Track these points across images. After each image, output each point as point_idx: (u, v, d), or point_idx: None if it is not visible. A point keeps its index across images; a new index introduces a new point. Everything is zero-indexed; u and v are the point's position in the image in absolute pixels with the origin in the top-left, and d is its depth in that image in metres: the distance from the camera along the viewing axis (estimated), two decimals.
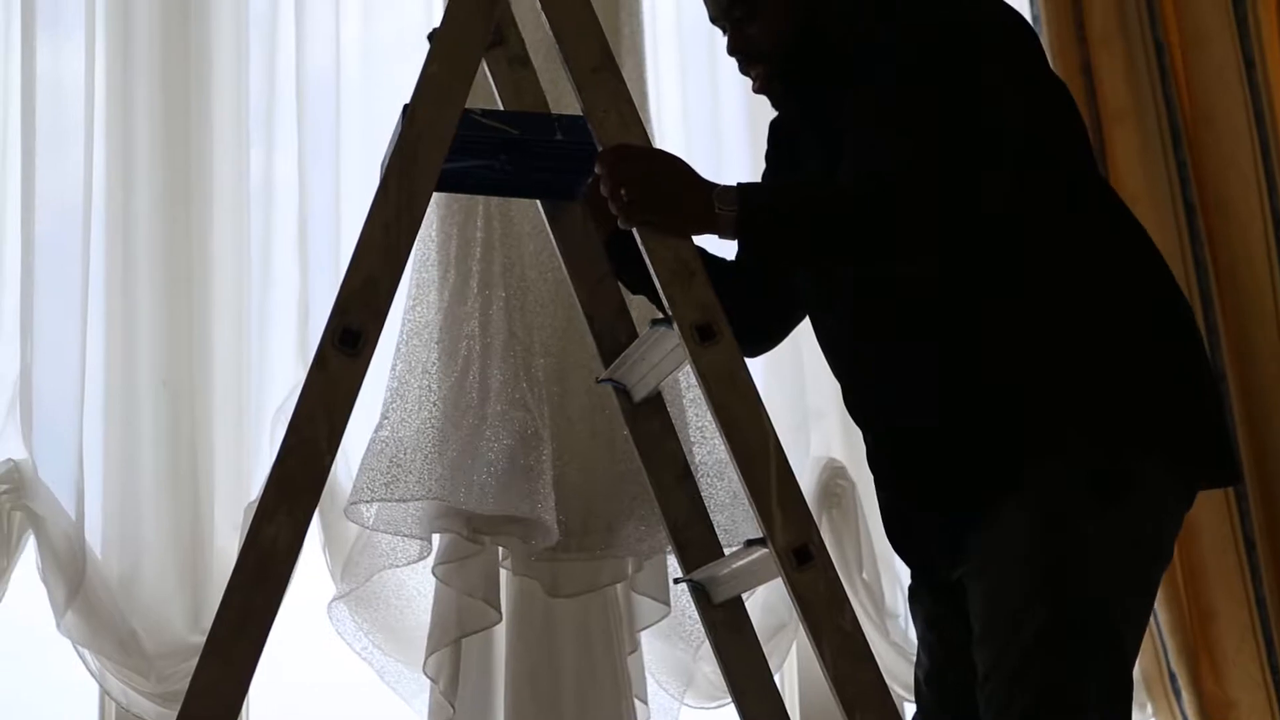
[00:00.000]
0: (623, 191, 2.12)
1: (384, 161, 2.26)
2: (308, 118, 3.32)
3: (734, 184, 2.15)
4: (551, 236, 2.54)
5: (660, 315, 2.17)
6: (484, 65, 2.43)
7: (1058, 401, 2.15)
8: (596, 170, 2.17)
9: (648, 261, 2.14)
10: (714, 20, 2.41)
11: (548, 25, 2.20)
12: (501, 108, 2.48)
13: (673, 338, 2.17)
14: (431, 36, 2.24)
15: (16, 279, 3.13)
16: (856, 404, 2.39)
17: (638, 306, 2.53)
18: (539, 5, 2.20)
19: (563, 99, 2.58)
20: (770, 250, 2.23)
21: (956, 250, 2.17)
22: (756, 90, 2.41)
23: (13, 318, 3.12)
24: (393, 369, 2.98)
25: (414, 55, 3.44)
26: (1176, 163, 3.63)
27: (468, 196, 3.03)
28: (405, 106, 2.15)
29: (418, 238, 2.21)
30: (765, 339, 2.61)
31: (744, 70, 2.39)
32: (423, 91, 2.13)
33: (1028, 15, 3.71)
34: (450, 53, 2.16)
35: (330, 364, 2.00)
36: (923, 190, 2.13)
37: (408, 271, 2.70)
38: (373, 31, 3.52)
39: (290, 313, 3.21)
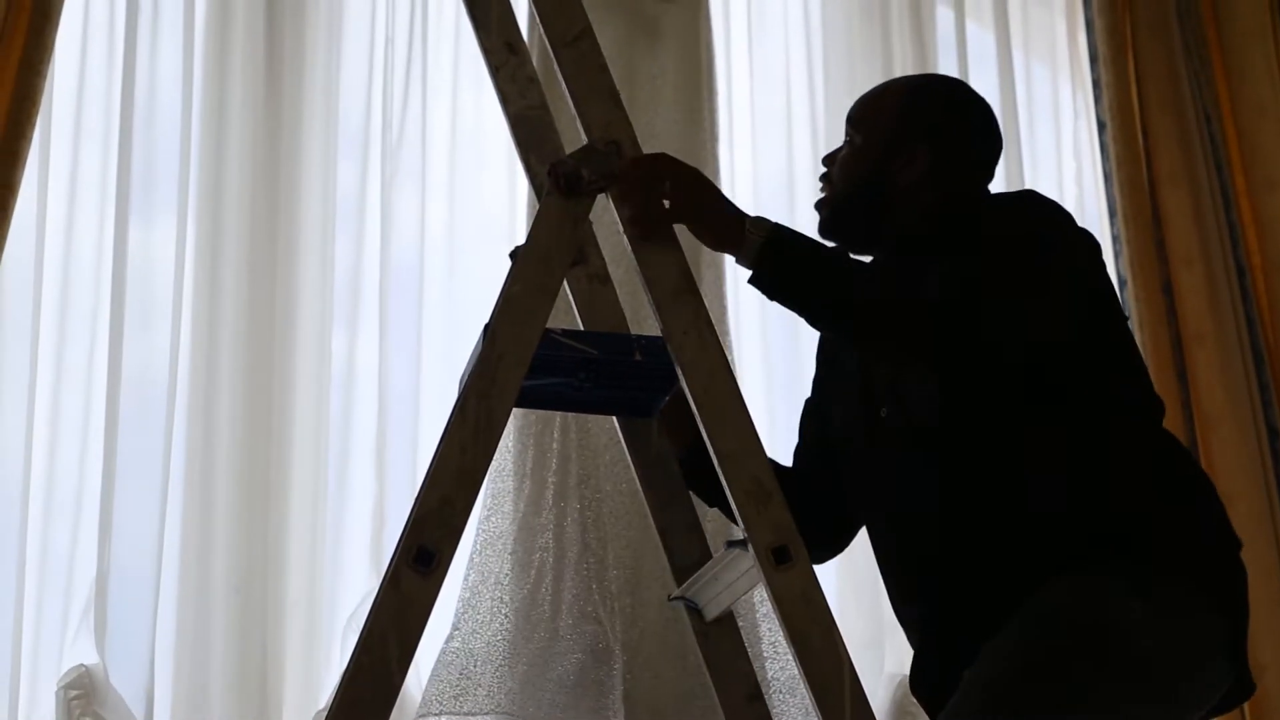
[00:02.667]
0: (655, 194, 2.14)
1: (463, 378, 2.26)
2: (391, 301, 3.36)
3: (771, 219, 2.17)
4: (626, 451, 2.53)
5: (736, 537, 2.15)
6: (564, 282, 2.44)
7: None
8: (623, 185, 2.17)
9: (724, 482, 2.13)
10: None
11: (629, 247, 2.22)
12: (580, 323, 2.49)
13: (747, 559, 2.15)
14: (514, 255, 2.24)
15: (99, 460, 3.15)
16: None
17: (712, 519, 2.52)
18: (621, 227, 2.21)
19: (642, 309, 2.60)
20: (779, 288, 2.20)
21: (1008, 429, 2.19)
22: (816, 205, 2.46)
23: (93, 513, 3.15)
24: (465, 579, 2.98)
25: (498, 243, 3.54)
26: (1259, 385, 3.62)
27: None
28: (486, 325, 2.15)
29: (500, 440, 2.21)
30: (828, 546, 2.59)
31: (819, 202, 2.45)
32: (504, 312, 2.13)
33: (1109, 236, 3.74)
34: (532, 274, 2.16)
35: (404, 583, 1.98)
36: (957, 313, 2.12)
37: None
38: (458, 217, 3.58)
39: (365, 519, 3.22)
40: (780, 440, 2.69)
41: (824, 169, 2.47)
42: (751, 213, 2.19)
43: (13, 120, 3.10)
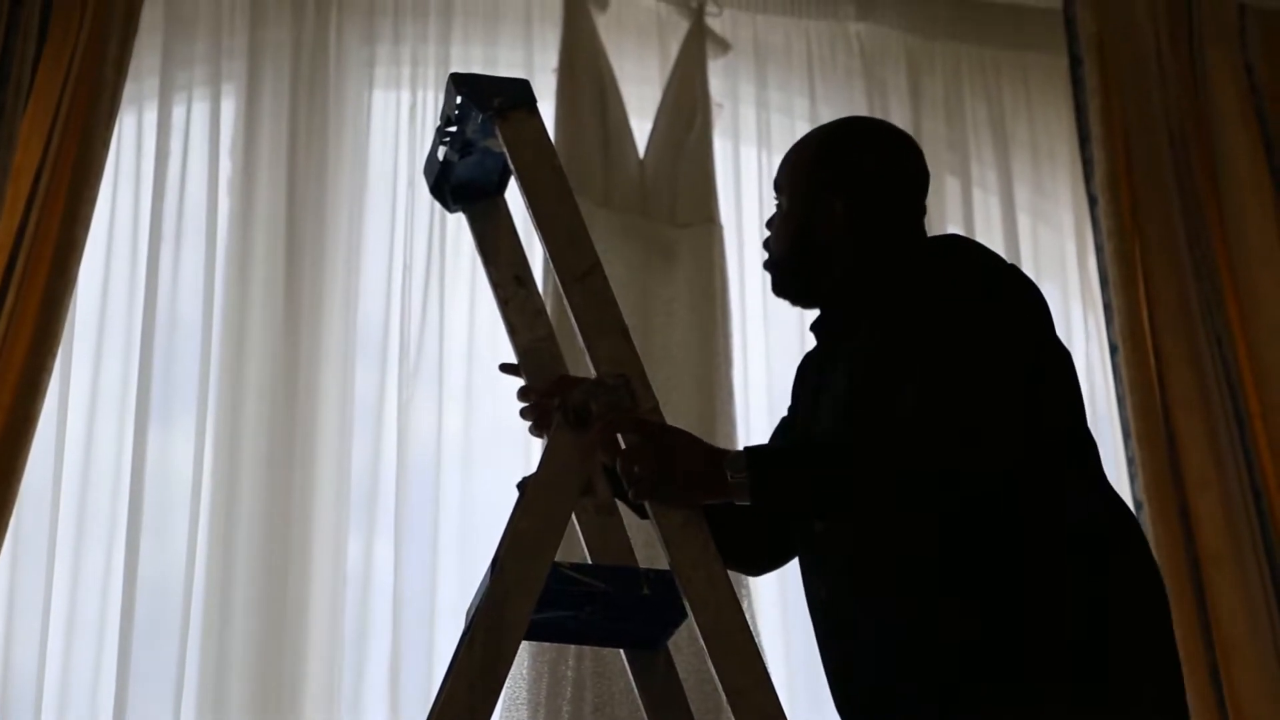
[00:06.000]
0: (636, 469, 2.15)
1: (470, 609, 2.25)
2: (407, 507, 3.38)
3: (743, 449, 2.18)
4: (633, 685, 2.51)
5: None
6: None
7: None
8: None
9: (734, 717, 2.12)
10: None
11: None
12: (587, 553, 2.48)
13: None
14: (521, 486, 2.24)
15: (113, 671, 3.14)
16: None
17: None
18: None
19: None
20: (783, 509, 2.30)
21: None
22: (765, 265, 2.47)
23: None
24: None
25: (514, 450, 3.55)
26: (1279, 608, 3.59)
27: None
28: (494, 559, 2.15)
29: (508, 674, 2.19)
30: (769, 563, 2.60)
31: (765, 264, 2.47)
32: (512, 546, 2.13)
33: (1124, 458, 3.74)
34: (541, 507, 2.16)
35: None
36: (924, 448, 2.13)
37: (497, 712, 2.68)
38: (474, 423, 3.61)
39: None
40: None
41: (767, 234, 2.47)
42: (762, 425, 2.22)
43: (34, 352, 3.14)
